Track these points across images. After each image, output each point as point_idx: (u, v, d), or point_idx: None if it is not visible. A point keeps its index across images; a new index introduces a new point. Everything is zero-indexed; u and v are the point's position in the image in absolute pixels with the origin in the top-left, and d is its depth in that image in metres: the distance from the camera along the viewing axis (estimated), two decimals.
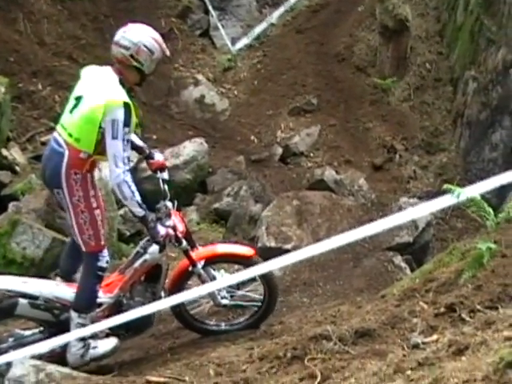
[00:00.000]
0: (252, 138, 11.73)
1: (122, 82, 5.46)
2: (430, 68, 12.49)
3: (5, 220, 8.01)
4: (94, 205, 5.45)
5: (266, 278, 6.13)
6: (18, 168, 9.03)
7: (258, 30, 13.71)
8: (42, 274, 6.80)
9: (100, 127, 5.31)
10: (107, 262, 5.58)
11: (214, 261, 6.15)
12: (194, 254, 5.95)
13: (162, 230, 5.55)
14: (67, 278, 5.88)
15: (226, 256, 6.23)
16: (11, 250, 7.59)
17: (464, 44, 11.90)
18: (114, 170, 5.28)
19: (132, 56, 5.46)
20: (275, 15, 14.15)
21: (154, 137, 10.95)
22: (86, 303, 5.53)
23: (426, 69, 12.48)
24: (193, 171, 10.05)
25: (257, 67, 13.06)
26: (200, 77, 12.41)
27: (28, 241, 7.62)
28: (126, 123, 5.28)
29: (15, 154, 9.29)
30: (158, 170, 6.11)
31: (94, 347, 5.58)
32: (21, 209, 8.14)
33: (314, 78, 12.62)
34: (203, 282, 5.95)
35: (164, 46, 5.62)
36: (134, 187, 5.36)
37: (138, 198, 5.38)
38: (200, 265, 5.96)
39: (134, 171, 8.73)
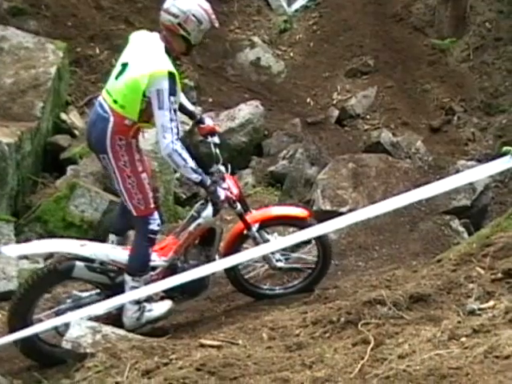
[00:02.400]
0: (308, 100, 11.64)
1: (167, 51, 5.46)
2: (490, 27, 12.17)
3: (63, 183, 8.14)
4: (140, 168, 5.50)
5: (321, 240, 6.16)
6: (76, 132, 9.12)
7: None
8: (100, 237, 6.92)
9: (144, 96, 5.32)
10: (159, 225, 5.64)
11: (268, 224, 6.19)
12: (248, 217, 5.98)
13: (222, 194, 5.59)
14: (120, 235, 5.97)
15: (280, 218, 6.26)
16: (70, 213, 7.70)
17: None
18: (163, 141, 5.31)
19: (180, 24, 5.46)
20: None
21: (210, 99, 10.95)
22: (139, 266, 5.60)
23: (486, 28, 12.18)
24: (248, 134, 10.03)
25: (313, 29, 12.90)
26: (256, 39, 12.33)
27: (86, 204, 7.73)
28: (172, 92, 5.29)
29: (74, 117, 9.39)
30: (208, 135, 6.14)
31: (150, 310, 5.67)
32: (79, 172, 8.24)
33: (370, 39, 12.43)
34: (258, 245, 5.99)
35: (213, 16, 5.61)
36: (185, 154, 5.37)
37: (191, 164, 5.39)
38: (255, 228, 5.99)
39: (189, 134, 8.83)
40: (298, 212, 6.36)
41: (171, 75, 5.31)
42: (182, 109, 5.97)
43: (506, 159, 5.04)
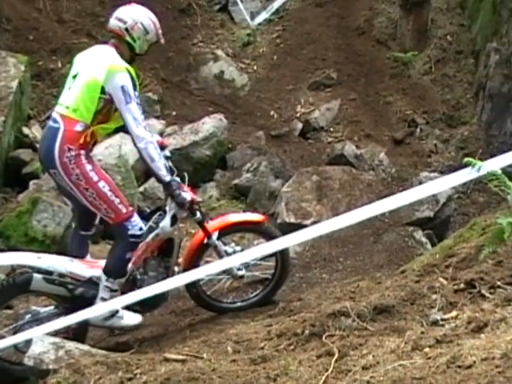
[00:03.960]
0: (272, 113, 11.67)
1: (119, 54, 5.55)
2: (452, 40, 12.33)
3: (25, 198, 8.07)
4: (95, 179, 5.45)
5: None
6: (38, 146, 9.05)
7: (276, 4, 13.55)
8: (63, 252, 6.85)
9: (102, 93, 5.34)
10: (141, 229, 5.59)
11: (227, 231, 6.23)
12: (207, 226, 6.02)
13: (188, 195, 5.61)
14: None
15: (238, 224, 6.35)
16: (32, 227, 7.63)
17: (486, 15, 11.73)
18: (138, 134, 5.37)
19: (127, 30, 5.63)
20: None
21: (174, 113, 10.93)
22: (116, 270, 5.63)
23: (448, 41, 12.32)
24: (212, 147, 10.01)
25: (276, 42, 12.96)
26: (219, 52, 12.34)
27: (49, 218, 7.65)
28: (134, 87, 5.38)
29: (36, 131, 9.32)
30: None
31: (120, 317, 5.66)
32: (41, 187, 8.18)
33: (334, 52, 12.51)
34: (219, 253, 6.02)
35: (160, 31, 5.82)
36: (159, 150, 5.47)
37: (163, 161, 5.49)
38: (215, 236, 6.02)
39: None
40: (255, 217, 6.51)
41: (129, 71, 5.43)
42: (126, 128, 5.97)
43: (468, 170, 5.09)
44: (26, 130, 9.20)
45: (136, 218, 5.59)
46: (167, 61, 11.79)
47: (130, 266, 5.76)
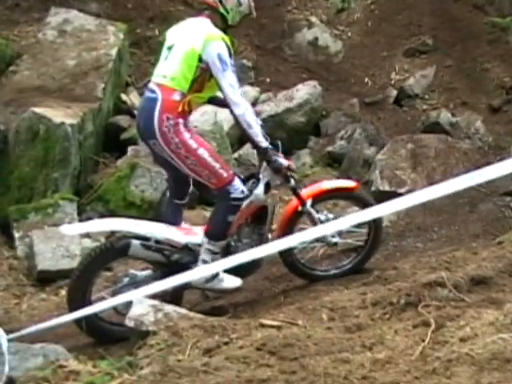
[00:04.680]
0: (366, 80, 11.56)
1: (213, 24, 5.61)
2: None
3: (124, 163, 8.26)
4: (195, 146, 5.52)
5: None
6: (136, 112, 9.22)
7: None
8: (160, 217, 7.00)
9: (199, 62, 5.41)
10: (243, 192, 5.66)
11: (321, 198, 6.25)
12: (302, 193, 6.06)
13: (284, 161, 5.66)
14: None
15: (331, 191, 6.33)
16: (130, 192, 7.81)
17: None
18: (235, 101, 5.45)
19: (221, 1, 5.65)
20: None
21: (268, 80, 10.96)
22: (218, 233, 5.70)
23: None
24: (306, 114, 10.02)
25: (371, 8, 12.77)
26: (313, 19, 12.26)
27: (146, 184, 7.83)
28: (230, 55, 5.46)
29: (134, 98, 9.48)
30: None
31: (221, 279, 5.73)
32: (139, 152, 8.34)
33: (429, 18, 12.26)
34: (313, 221, 6.04)
35: (253, 4, 5.84)
36: (256, 116, 5.61)
37: (261, 130, 5.58)
38: (309, 203, 6.04)
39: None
40: (348, 184, 6.53)
41: (224, 40, 5.49)
42: (220, 100, 5.99)
43: None
44: (124, 97, 9.38)
45: (237, 182, 5.64)
46: (261, 27, 11.78)
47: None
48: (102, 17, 9.89)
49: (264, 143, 5.61)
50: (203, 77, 5.52)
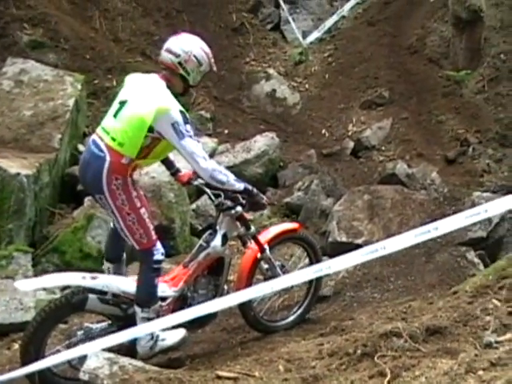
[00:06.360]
0: (323, 131, 11.70)
1: (168, 88, 5.52)
2: (505, 59, 12.22)
3: (80, 214, 8.18)
4: (139, 204, 5.49)
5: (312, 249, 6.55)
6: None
7: (329, 23, 13.64)
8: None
9: (150, 132, 5.36)
10: (162, 254, 5.65)
11: (273, 243, 6.35)
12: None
13: (264, 197, 5.76)
14: (115, 263, 6.01)
15: (279, 235, 6.41)
16: (87, 243, 7.73)
17: None
18: (200, 167, 5.40)
19: (180, 64, 5.57)
20: (346, 8, 14.03)
21: (226, 131, 11.03)
22: (147, 297, 5.62)
23: (501, 60, 12.22)
24: (264, 165, 10.08)
25: (328, 60, 13.01)
26: (271, 71, 12.44)
27: (103, 235, 7.73)
28: (186, 121, 5.36)
29: None
30: (190, 180, 6.23)
31: (163, 339, 5.68)
32: (96, 203, 8.26)
33: (385, 71, 12.51)
34: (271, 267, 6.13)
35: (212, 60, 5.75)
36: (222, 168, 5.56)
37: (231, 175, 5.56)
38: (267, 249, 6.09)
39: None
40: (291, 225, 6.71)
41: (177, 107, 5.40)
42: (164, 159, 6.08)
43: None
44: (81, 148, 9.33)
45: (159, 245, 5.64)
46: (220, 79, 11.90)
47: (181, 284, 5.82)
48: (59, 67, 9.90)
49: (241, 187, 5.64)
50: (154, 144, 5.46)
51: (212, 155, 9.47)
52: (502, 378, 3.39)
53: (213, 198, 5.96)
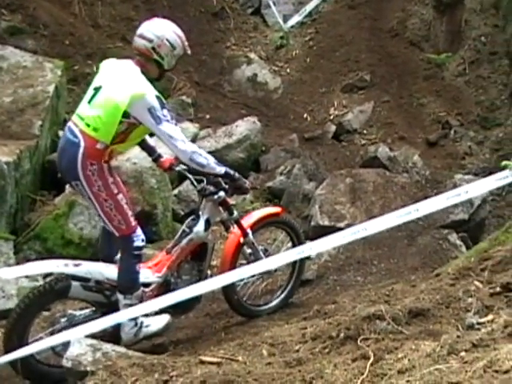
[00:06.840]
0: (305, 115, 11.70)
1: (143, 74, 5.50)
2: (486, 41, 12.26)
3: (62, 201, 8.13)
4: (116, 191, 5.48)
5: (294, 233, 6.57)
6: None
7: (309, 6, 13.58)
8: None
9: (124, 117, 5.33)
10: (143, 240, 5.65)
11: (256, 227, 6.39)
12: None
13: (246, 181, 5.83)
14: (109, 261, 5.96)
15: (262, 220, 6.45)
16: (69, 230, 7.70)
17: None
18: (179, 150, 5.39)
19: (154, 49, 5.54)
20: None
21: (207, 116, 10.99)
22: (129, 284, 5.63)
23: (482, 42, 12.26)
24: (246, 150, 10.07)
25: (309, 44, 12.99)
26: (252, 55, 12.40)
27: (85, 221, 7.73)
28: (162, 106, 5.34)
29: None
30: (172, 166, 6.22)
31: (147, 325, 5.69)
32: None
33: (366, 54, 12.50)
34: (254, 251, 6.16)
35: (186, 43, 5.72)
36: (202, 151, 5.53)
37: (211, 158, 5.56)
38: (250, 234, 6.10)
39: None
40: (274, 209, 6.75)
41: (153, 92, 5.38)
42: (144, 144, 6.08)
43: (505, 174, 5.07)
44: (62, 134, 9.26)
45: (139, 231, 5.63)
46: (201, 64, 11.86)
47: (164, 270, 5.82)
48: (38, 53, 9.79)
49: (222, 170, 5.64)
50: (130, 129, 5.44)
51: (194, 140, 9.44)
52: (484, 359, 3.41)
53: (195, 183, 5.96)
